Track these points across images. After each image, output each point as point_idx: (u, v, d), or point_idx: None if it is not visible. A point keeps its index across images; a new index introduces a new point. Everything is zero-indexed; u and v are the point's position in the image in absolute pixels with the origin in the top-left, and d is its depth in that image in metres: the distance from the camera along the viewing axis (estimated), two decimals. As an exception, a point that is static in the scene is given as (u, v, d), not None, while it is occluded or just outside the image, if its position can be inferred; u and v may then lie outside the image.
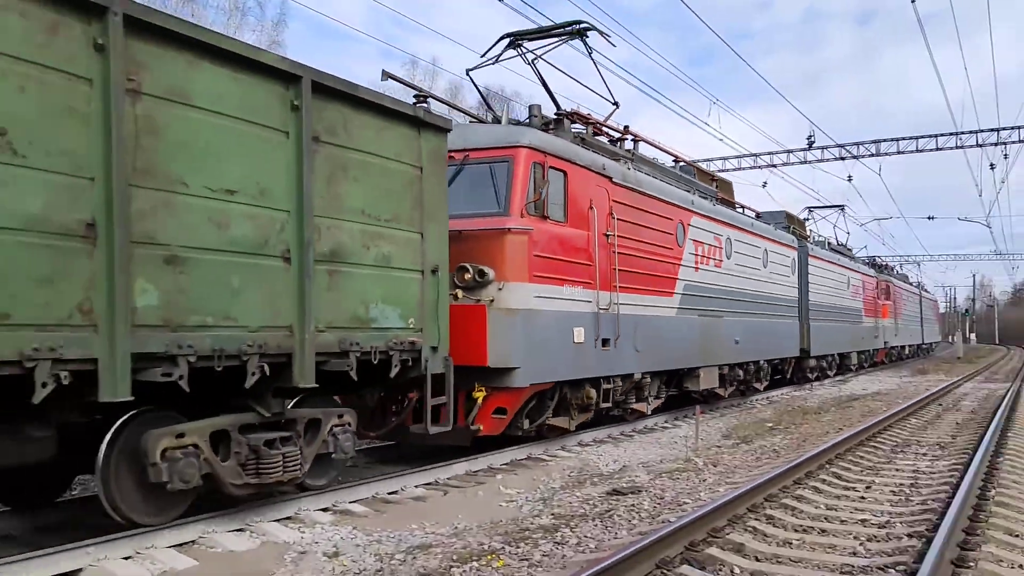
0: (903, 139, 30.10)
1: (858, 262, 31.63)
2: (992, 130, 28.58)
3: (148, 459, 5.23)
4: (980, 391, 21.03)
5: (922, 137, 29.74)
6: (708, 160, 34.79)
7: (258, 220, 5.79)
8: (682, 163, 16.00)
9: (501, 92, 44.47)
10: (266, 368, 5.78)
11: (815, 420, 13.66)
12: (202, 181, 5.40)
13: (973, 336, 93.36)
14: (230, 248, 5.57)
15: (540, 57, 11.53)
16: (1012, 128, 28.22)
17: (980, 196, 71.53)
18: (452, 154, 8.39)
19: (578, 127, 11.51)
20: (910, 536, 5.69)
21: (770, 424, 13.07)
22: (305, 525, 6.16)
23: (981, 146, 28.95)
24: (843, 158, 30.91)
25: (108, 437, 5.26)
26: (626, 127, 13.15)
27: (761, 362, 17.84)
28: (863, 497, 7.32)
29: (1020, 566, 5.06)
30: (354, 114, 6.64)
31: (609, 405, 11.08)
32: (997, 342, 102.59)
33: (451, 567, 5.05)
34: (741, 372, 16.51)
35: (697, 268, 13.94)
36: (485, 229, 8.97)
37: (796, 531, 5.97)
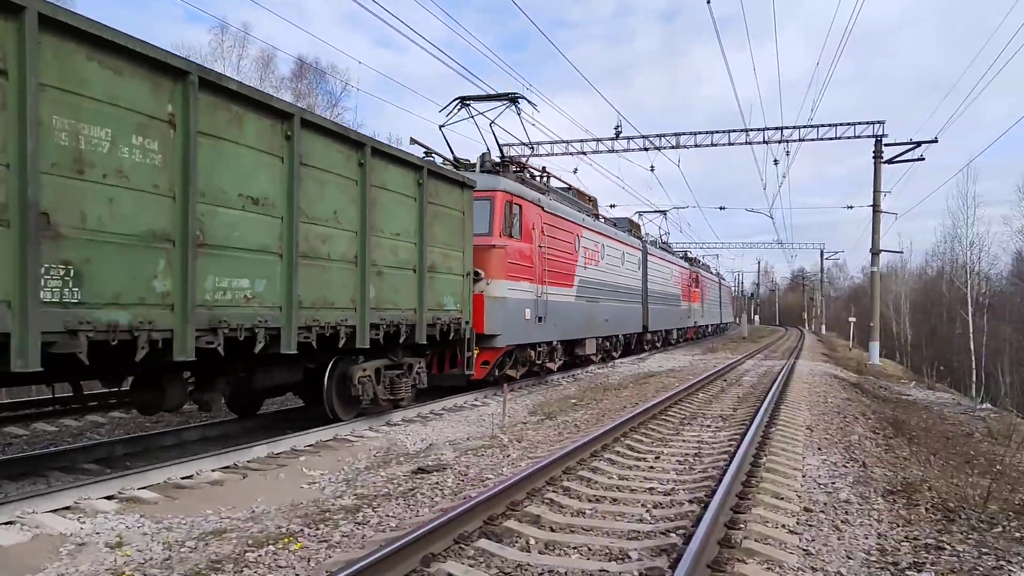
0: (700, 133, 32.12)
1: (676, 256, 38.14)
2: (776, 128, 31.11)
3: (351, 382, 9.68)
4: (760, 368, 22.99)
5: (716, 132, 31.87)
6: (522, 144, 35.55)
7: (407, 249, 10.33)
8: (572, 190, 21.26)
9: (317, 63, 43.15)
10: (407, 332, 10.26)
11: (615, 396, 14.37)
12: (388, 229, 9.83)
13: (757, 318, 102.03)
14: (397, 265, 10.06)
15: (494, 122, 17.36)
16: (793, 128, 30.86)
17: (764, 189, 78.42)
18: None
19: (515, 168, 16.17)
20: (691, 502, 6.14)
21: (574, 400, 13.62)
22: (86, 515, 5.72)
23: (767, 143, 31.45)
24: (647, 149, 32.57)
25: (328, 370, 9.54)
26: (543, 168, 18.29)
27: (619, 335, 23.73)
28: (652, 467, 7.80)
29: (783, 526, 5.60)
30: (441, 183, 11.29)
31: (539, 363, 16.08)
32: (777, 323, 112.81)
33: (245, 552, 4.89)
34: (608, 343, 22.37)
35: (585, 267, 19.09)
36: (478, 244, 12.78)
37: (590, 501, 6.27)
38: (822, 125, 30.42)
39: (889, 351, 55.23)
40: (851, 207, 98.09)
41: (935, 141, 29.26)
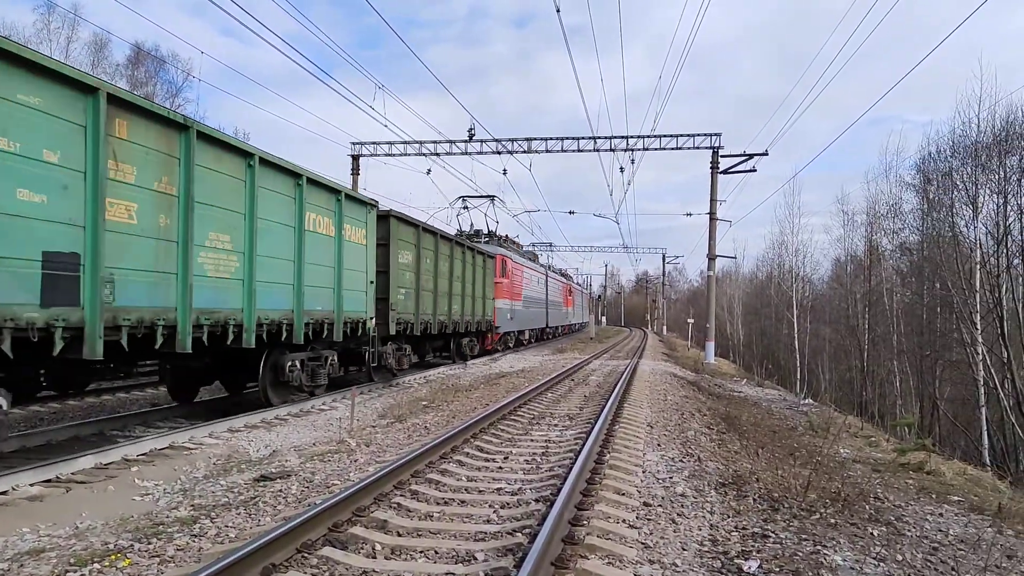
0: (551, 139, 32.85)
1: (558, 274, 53.86)
2: (622, 137, 32.29)
3: (461, 346, 23.98)
4: (606, 367, 23.77)
5: (567, 139, 32.71)
6: (375, 143, 35.09)
7: (482, 289, 24.93)
8: (516, 243, 37.07)
9: (156, 50, 40.90)
10: (479, 326, 25.18)
11: (465, 397, 14.42)
12: (477, 282, 24.27)
13: (604, 319, 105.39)
14: (481, 296, 24.84)
15: (486, 215, 43.82)
16: (638, 137, 32.12)
17: (611, 196, 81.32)
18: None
19: (496, 237, 32.81)
20: (537, 501, 6.25)
21: (424, 402, 13.55)
22: None
23: (613, 151, 32.58)
24: (499, 152, 32.96)
25: (453, 340, 23.42)
26: (507, 235, 34.69)
27: (536, 329, 39.09)
28: (501, 468, 7.88)
29: (624, 521, 5.80)
30: (488, 259, 26.12)
31: (510, 344, 31.81)
32: (623, 324, 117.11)
33: (66, 572, 4.56)
34: (531, 333, 37.46)
35: (524, 288, 33.37)
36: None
37: (439, 504, 6.25)
38: (664, 135, 31.86)
39: (724, 350, 58.41)
40: (690, 214, 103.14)
41: (766, 154, 31.30)
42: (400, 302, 16.40)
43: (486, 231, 31.78)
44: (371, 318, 14.34)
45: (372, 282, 14.43)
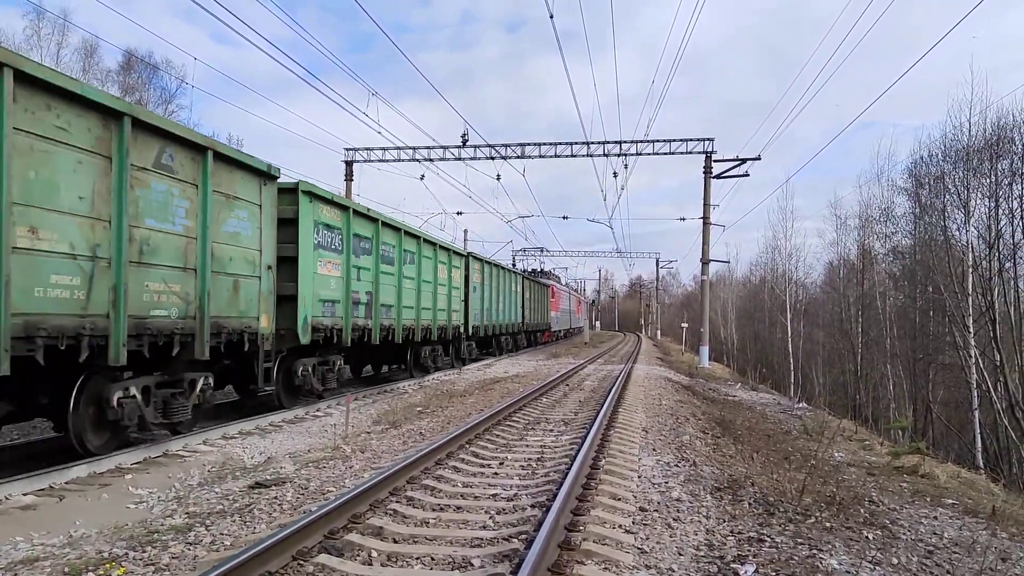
0: (544, 144, 32.92)
1: (574, 290, 73.63)
2: (615, 142, 32.36)
3: (535, 336, 45.33)
4: (600, 372, 23.77)
5: (559, 144, 32.80)
6: (369, 149, 35.07)
7: (543, 304, 44.43)
8: (551, 274, 60.80)
9: (150, 56, 40.82)
10: (538, 328, 43.53)
11: (460, 403, 14.41)
12: (536, 298, 40.82)
13: (598, 324, 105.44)
14: (544, 310, 46.05)
15: (542, 263, 68.37)
16: (631, 142, 32.20)
17: (604, 200, 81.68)
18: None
19: (547, 270, 61.84)
20: (533, 507, 6.24)
21: (419, 408, 13.53)
22: None
23: (606, 156, 32.66)
24: (493, 158, 33.00)
25: (532, 336, 44.01)
26: (551, 270, 65.95)
27: (563, 330, 58.91)
28: (496, 473, 7.87)
29: (620, 526, 5.80)
30: (545, 287, 46.00)
31: (552, 339, 52.58)
32: (617, 328, 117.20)
33: (61, 582, 4.52)
34: (562, 332, 58.18)
35: (561, 302, 55.37)
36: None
37: (434, 510, 6.24)
38: (657, 140, 31.96)
39: (718, 354, 58.54)
40: (683, 219, 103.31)
41: (758, 159, 31.41)
42: (528, 315, 35.01)
43: (539, 268, 57.01)
44: (519, 323, 32.35)
45: (520, 307, 32.70)
